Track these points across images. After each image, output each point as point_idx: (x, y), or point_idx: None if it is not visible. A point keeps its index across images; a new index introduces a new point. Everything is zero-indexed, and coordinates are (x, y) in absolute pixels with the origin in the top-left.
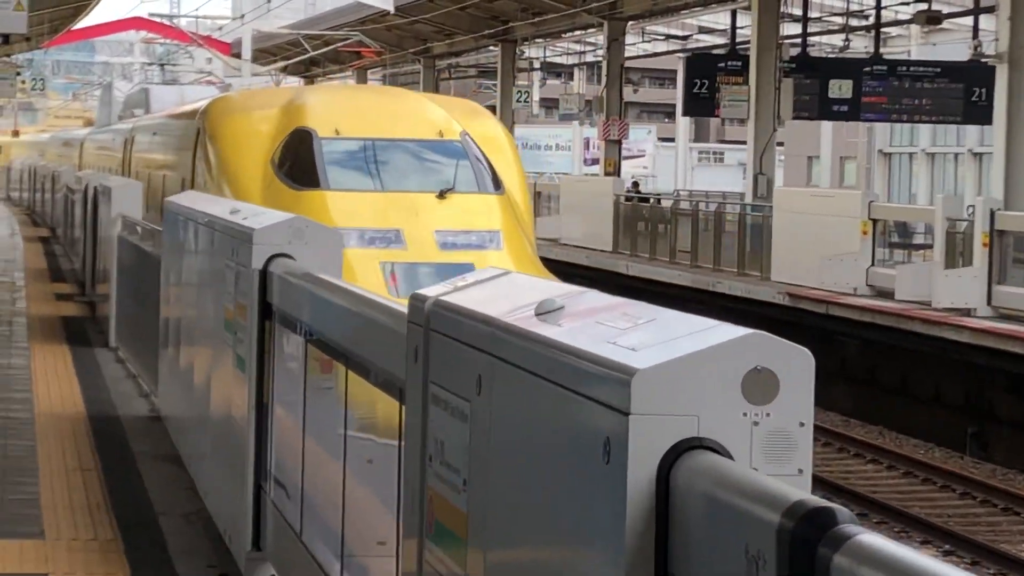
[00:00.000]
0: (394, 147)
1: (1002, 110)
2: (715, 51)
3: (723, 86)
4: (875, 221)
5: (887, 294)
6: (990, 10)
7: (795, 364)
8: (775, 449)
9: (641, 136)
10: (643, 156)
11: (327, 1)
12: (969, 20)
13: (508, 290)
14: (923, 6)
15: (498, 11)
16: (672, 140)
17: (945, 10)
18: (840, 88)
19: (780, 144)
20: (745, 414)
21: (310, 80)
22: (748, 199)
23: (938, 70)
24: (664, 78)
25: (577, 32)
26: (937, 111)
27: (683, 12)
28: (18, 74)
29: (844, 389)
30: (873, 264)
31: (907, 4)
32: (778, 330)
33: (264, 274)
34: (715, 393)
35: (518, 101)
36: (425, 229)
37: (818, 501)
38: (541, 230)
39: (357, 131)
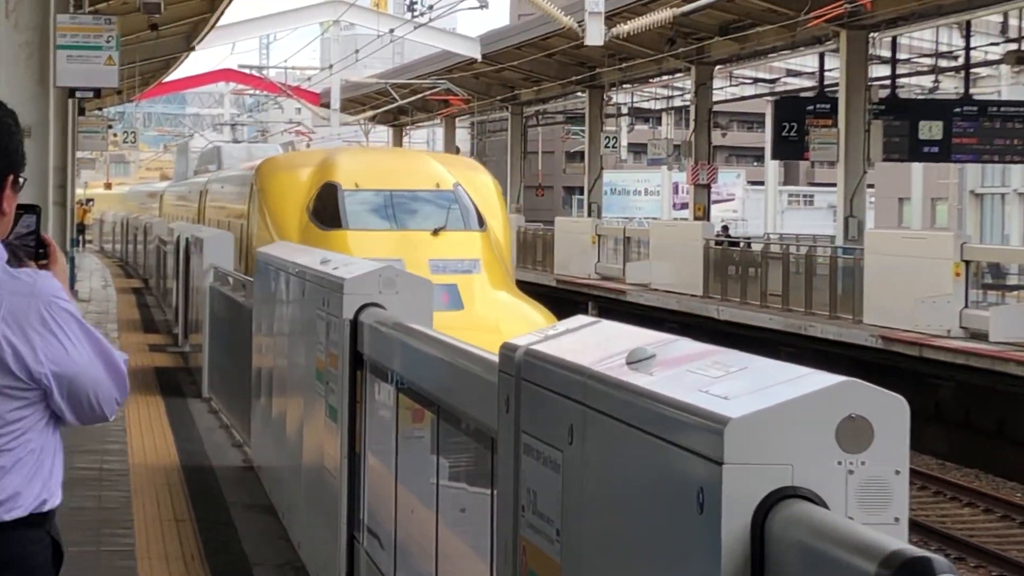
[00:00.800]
0: (400, 196)
1: None
2: (803, 94)
3: (812, 128)
4: (967, 262)
5: (981, 336)
6: None
7: (890, 411)
8: (871, 498)
9: (730, 180)
10: (732, 200)
11: (415, 50)
12: None
13: (599, 339)
14: (1012, 46)
15: (585, 57)
16: (761, 183)
17: None
18: (930, 129)
19: (871, 186)
20: (840, 462)
21: (399, 128)
22: (839, 241)
23: None
24: (753, 121)
25: (665, 77)
26: None
27: (770, 56)
28: (110, 127)
29: (939, 432)
30: (966, 306)
31: (996, 44)
32: (871, 373)
33: (355, 324)
34: (809, 441)
35: (606, 147)
36: (421, 259)
37: (915, 551)
38: (631, 275)
39: (372, 184)
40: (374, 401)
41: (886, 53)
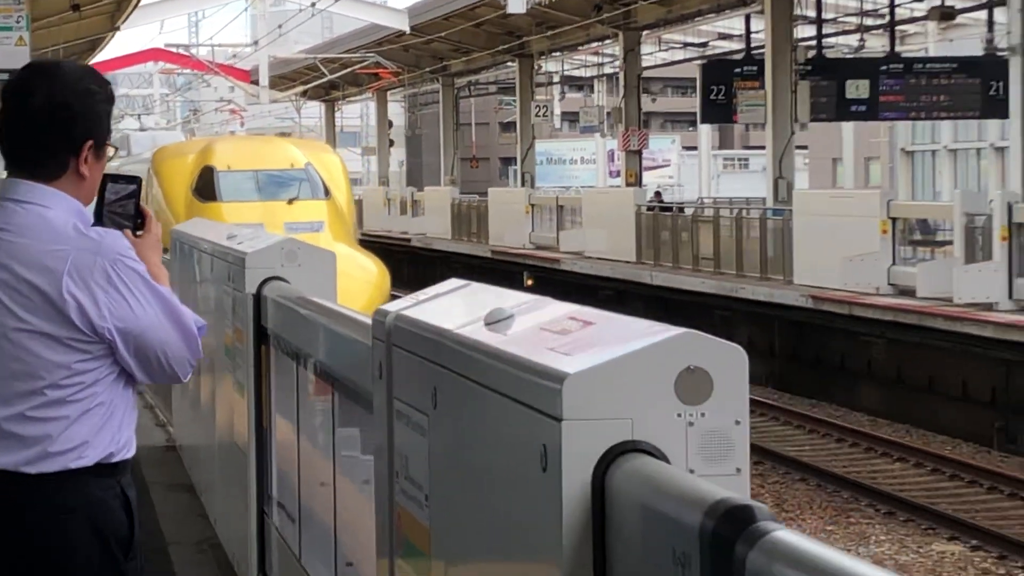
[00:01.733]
0: (263, 174)
1: (1017, 102)
2: (733, 56)
3: (739, 91)
4: (894, 220)
5: (910, 292)
6: (1004, 3)
7: (728, 362)
8: (712, 449)
9: (665, 145)
10: (668, 165)
11: (345, 24)
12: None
13: (467, 302)
14: (937, 2)
15: (513, 26)
16: (697, 148)
17: (959, 5)
18: (857, 88)
19: (804, 147)
20: (679, 415)
21: (331, 103)
22: (769, 203)
23: (955, 66)
24: (687, 87)
25: (594, 44)
26: (955, 107)
27: (697, 19)
28: None
29: (873, 389)
30: (895, 263)
31: (921, 1)
32: (806, 333)
33: (258, 298)
34: (648, 395)
35: (536, 115)
36: (278, 222)
37: (738, 500)
38: (565, 244)
39: (241, 165)
40: (279, 375)
41: (812, 13)
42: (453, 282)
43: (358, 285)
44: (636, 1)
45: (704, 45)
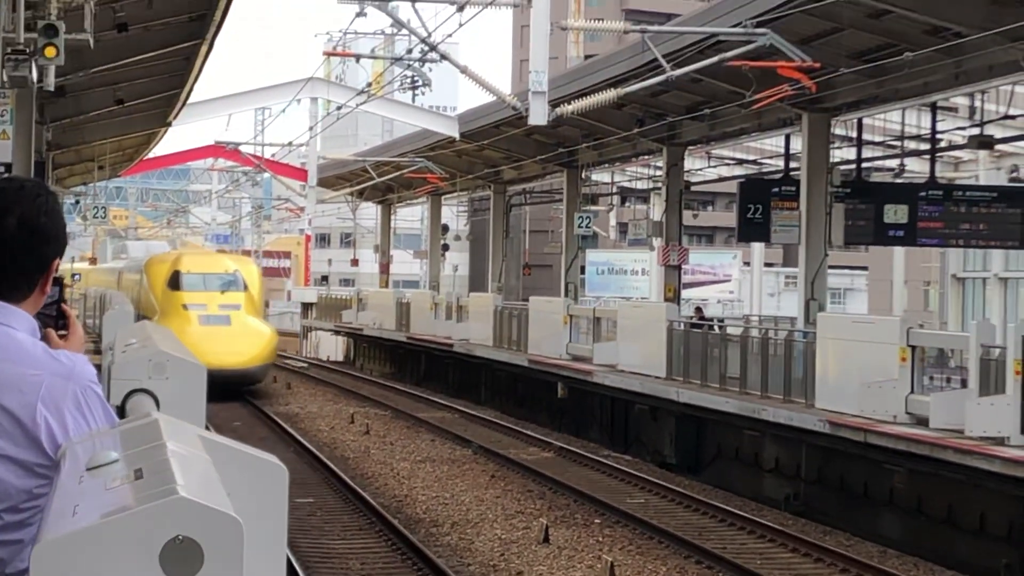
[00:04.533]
0: (208, 275)
1: None
2: (771, 176)
3: (774, 211)
4: (913, 347)
5: (926, 422)
6: None
7: (221, 531)
8: None
9: (727, 260)
10: (729, 280)
11: (402, 127)
12: None
13: (135, 436)
14: (978, 131)
15: (562, 137)
16: (767, 264)
17: (999, 134)
18: (896, 213)
19: (864, 268)
20: None
21: (386, 204)
22: (799, 325)
23: (994, 195)
24: None
25: (644, 157)
26: (994, 236)
27: (741, 137)
28: (77, 202)
29: (893, 517)
30: (912, 391)
31: (963, 129)
32: (831, 458)
33: (122, 412)
34: (129, 568)
35: (579, 226)
36: (216, 304)
37: None
38: (599, 356)
39: (196, 270)
40: None
41: (854, 134)
42: (152, 416)
43: (257, 339)
44: (677, 117)
45: (753, 162)
